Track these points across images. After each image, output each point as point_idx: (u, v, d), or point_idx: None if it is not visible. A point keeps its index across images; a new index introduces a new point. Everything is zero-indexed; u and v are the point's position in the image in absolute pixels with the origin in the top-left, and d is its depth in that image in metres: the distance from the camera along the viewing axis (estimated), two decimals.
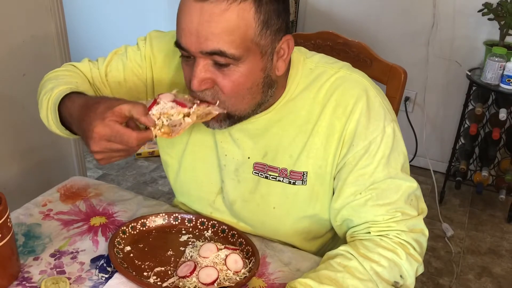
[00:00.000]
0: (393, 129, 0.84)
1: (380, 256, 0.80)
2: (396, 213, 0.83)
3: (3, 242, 0.74)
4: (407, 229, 0.83)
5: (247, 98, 0.79)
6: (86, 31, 3.22)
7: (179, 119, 0.77)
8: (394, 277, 0.80)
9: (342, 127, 0.83)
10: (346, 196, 0.85)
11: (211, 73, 0.76)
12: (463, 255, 2.12)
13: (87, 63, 1.00)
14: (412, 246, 0.82)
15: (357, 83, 0.86)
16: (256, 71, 0.77)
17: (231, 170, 0.92)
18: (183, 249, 0.88)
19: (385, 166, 0.83)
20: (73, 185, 1.07)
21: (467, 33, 2.40)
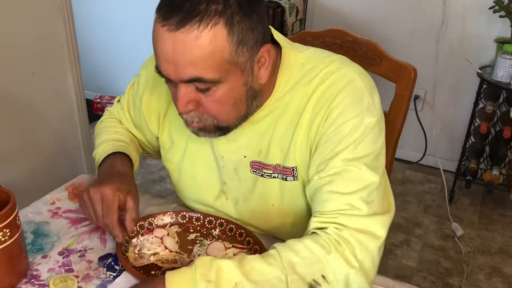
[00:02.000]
0: (373, 124, 0.80)
1: (303, 247, 0.74)
2: (345, 206, 0.76)
3: (12, 240, 0.74)
4: (352, 227, 0.75)
5: (233, 113, 0.80)
6: (94, 30, 3.24)
7: (148, 253, 0.85)
8: (312, 274, 0.72)
9: (321, 118, 0.81)
10: (311, 176, 0.82)
11: (195, 95, 0.76)
12: (473, 255, 2.10)
13: (116, 104, 1.11)
14: (351, 247, 0.74)
15: (346, 75, 0.82)
16: (238, 87, 0.77)
17: (230, 170, 0.92)
18: (191, 247, 0.87)
19: (352, 151, 0.78)
20: (81, 183, 1.07)
21: (478, 31, 2.38)
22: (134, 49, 3.19)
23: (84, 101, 1.92)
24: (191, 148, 0.95)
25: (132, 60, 3.22)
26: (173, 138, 0.97)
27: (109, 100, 3.27)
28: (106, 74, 3.38)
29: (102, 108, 3.27)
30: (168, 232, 0.89)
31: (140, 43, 3.15)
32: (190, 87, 0.75)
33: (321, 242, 0.74)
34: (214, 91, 0.75)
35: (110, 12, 3.17)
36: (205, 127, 0.81)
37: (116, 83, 3.37)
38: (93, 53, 3.28)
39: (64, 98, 1.83)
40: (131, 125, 1.06)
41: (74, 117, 1.89)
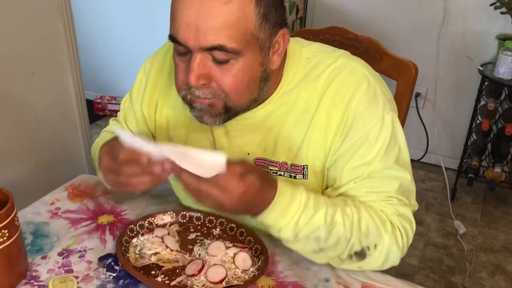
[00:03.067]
0: (392, 118, 0.83)
1: (368, 218, 0.80)
2: (389, 199, 0.83)
3: (10, 240, 0.73)
4: (397, 212, 0.83)
5: (246, 93, 0.78)
6: (95, 31, 3.23)
7: (149, 253, 0.83)
8: (368, 242, 0.79)
9: (340, 117, 0.81)
10: (344, 186, 0.83)
11: (209, 69, 0.73)
12: (475, 252, 2.09)
13: (112, 121, 1.06)
14: (399, 230, 0.82)
15: (356, 71, 0.83)
16: (255, 65, 0.76)
17: None
18: (191, 247, 0.87)
19: (383, 157, 0.81)
20: (81, 183, 1.07)
21: (479, 27, 2.37)
22: (135, 50, 3.19)
23: (84, 101, 1.91)
24: (191, 143, 0.92)
25: (133, 60, 3.22)
26: (170, 135, 0.95)
27: (109, 100, 3.27)
28: (107, 75, 3.38)
29: (103, 108, 3.26)
30: (168, 232, 0.89)
31: (140, 43, 3.14)
32: (207, 58, 0.72)
33: (381, 217, 0.81)
34: (232, 64, 0.73)
35: (111, 12, 3.16)
36: (215, 105, 0.77)
37: (117, 84, 3.37)
38: (95, 53, 3.28)
39: (64, 98, 1.82)
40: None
41: (74, 118, 1.89)
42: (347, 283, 0.83)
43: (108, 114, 3.27)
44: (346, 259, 0.81)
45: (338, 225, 0.77)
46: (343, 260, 0.81)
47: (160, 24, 3.07)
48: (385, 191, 0.83)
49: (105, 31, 3.24)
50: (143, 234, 0.87)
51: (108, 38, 3.25)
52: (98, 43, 3.28)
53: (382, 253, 0.81)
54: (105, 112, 3.27)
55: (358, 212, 0.80)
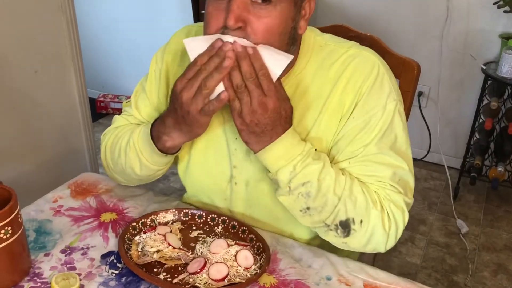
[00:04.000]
0: (395, 107, 0.85)
1: (362, 192, 0.82)
2: (382, 183, 0.84)
3: (13, 238, 0.74)
4: (390, 199, 0.84)
5: (277, 45, 0.78)
6: (98, 29, 3.24)
7: (151, 251, 0.83)
8: (355, 214, 0.82)
9: (350, 102, 0.85)
10: (338, 164, 0.86)
11: (247, 12, 0.75)
12: (478, 252, 2.09)
13: (119, 117, 1.04)
14: (388, 214, 0.83)
15: (368, 60, 0.87)
16: (288, 18, 0.78)
17: (242, 152, 0.91)
18: (194, 245, 0.87)
19: (378, 141, 0.84)
20: (83, 181, 1.07)
21: (482, 26, 2.36)
22: (137, 48, 3.20)
23: (87, 99, 1.92)
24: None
25: (135, 58, 3.23)
26: None
27: (112, 98, 3.27)
28: (110, 73, 3.39)
29: (106, 106, 3.27)
30: (171, 229, 0.89)
31: (142, 42, 3.15)
32: (247, 0, 0.74)
33: (374, 197, 0.83)
34: (269, 11, 0.75)
35: (113, 11, 3.17)
36: None
37: (120, 82, 3.38)
38: (97, 52, 3.28)
39: (67, 96, 1.83)
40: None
41: (77, 116, 1.90)
42: (349, 281, 0.83)
43: (110, 112, 3.28)
44: (331, 228, 0.83)
45: (329, 186, 0.81)
46: (328, 227, 0.84)
47: (161, 23, 3.08)
48: (377, 176, 0.84)
49: (108, 29, 3.24)
50: (145, 232, 0.88)
51: (111, 37, 3.26)
52: (101, 42, 3.28)
53: (367, 232, 0.83)
54: (108, 111, 3.28)
55: (351, 183, 0.82)
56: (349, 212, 0.82)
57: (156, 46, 1.07)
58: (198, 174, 0.98)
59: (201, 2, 2.55)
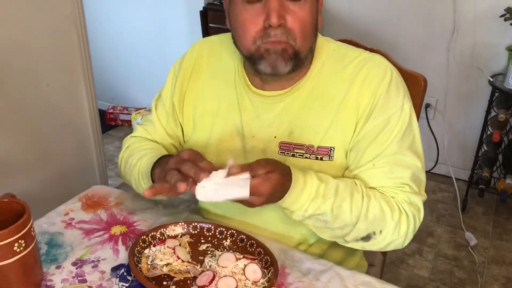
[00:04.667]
0: (410, 107, 0.91)
1: (378, 205, 0.86)
2: (403, 186, 0.89)
3: (27, 250, 0.75)
4: (408, 200, 0.89)
5: (309, 36, 0.86)
6: (107, 42, 3.28)
7: (161, 264, 0.85)
8: (374, 227, 0.86)
9: (367, 103, 0.89)
10: (360, 166, 0.90)
11: (284, 10, 0.82)
12: (487, 265, 2.07)
13: (139, 126, 1.10)
14: (407, 217, 0.87)
15: (380, 63, 0.92)
16: (314, 12, 0.86)
17: (258, 151, 0.95)
18: (202, 258, 0.88)
19: (398, 141, 0.88)
20: (94, 194, 1.09)
21: (489, 39, 2.37)
22: (147, 60, 3.23)
23: (97, 111, 1.94)
24: (216, 132, 0.98)
25: (145, 71, 3.27)
26: (197, 124, 1.01)
27: (121, 110, 3.30)
28: (119, 85, 3.42)
29: (115, 118, 3.30)
30: (180, 243, 0.90)
31: (152, 54, 3.19)
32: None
33: (391, 204, 0.87)
34: (302, 6, 0.83)
35: (123, 24, 3.21)
36: (287, 49, 0.84)
37: (129, 94, 3.41)
38: (106, 64, 3.32)
39: (77, 109, 1.85)
40: (164, 133, 1.06)
41: (87, 128, 1.92)
42: None
43: (120, 124, 3.31)
44: (351, 241, 0.89)
45: (344, 213, 0.85)
46: (348, 241, 0.89)
47: (171, 37, 3.11)
48: (399, 177, 0.89)
49: (117, 42, 3.28)
50: (155, 245, 0.89)
51: (120, 49, 3.30)
52: (110, 54, 3.33)
53: (386, 238, 0.88)
54: (117, 122, 3.31)
55: (368, 200, 0.86)
56: (369, 228, 0.87)
57: (165, 58, 1.11)
58: None
59: (210, 16, 2.58)
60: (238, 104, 0.96)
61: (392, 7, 2.52)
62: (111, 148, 2.98)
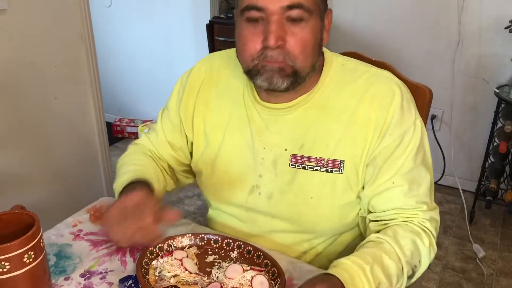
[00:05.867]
0: (421, 122, 0.92)
1: (408, 240, 0.85)
2: (422, 205, 0.89)
3: (36, 262, 0.76)
4: (429, 218, 0.90)
5: (311, 56, 0.86)
6: (114, 55, 3.32)
7: (168, 275, 0.85)
8: (415, 261, 0.86)
9: (379, 118, 0.89)
10: (380, 184, 0.90)
11: (284, 31, 0.82)
12: (496, 277, 2.06)
13: (144, 135, 1.12)
14: (433, 235, 0.89)
15: (391, 79, 0.93)
16: (317, 30, 0.86)
17: (269, 162, 0.95)
18: (209, 269, 0.88)
19: (414, 157, 0.89)
20: (102, 205, 1.09)
21: (494, 50, 2.37)
22: (153, 73, 3.26)
23: (105, 124, 1.96)
24: (227, 143, 0.99)
25: (151, 83, 3.29)
26: (209, 137, 1.01)
27: (128, 122, 3.32)
28: (126, 98, 3.45)
29: (122, 130, 3.32)
30: (187, 254, 0.90)
31: (158, 67, 3.22)
32: (282, 20, 0.81)
33: (416, 232, 0.87)
34: (303, 26, 0.82)
35: (130, 37, 3.25)
36: (285, 68, 0.85)
37: (135, 106, 3.44)
38: (113, 76, 3.36)
39: (85, 122, 1.87)
40: (166, 144, 1.07)
41: (95, 140, 1.94)
42: None
43: (126, 136, 3.33)
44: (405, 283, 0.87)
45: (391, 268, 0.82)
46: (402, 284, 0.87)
47: (177, 50, 3.14)
48: (417, 195, 0.89)
49: (124, 55, 3.32)
50: (162, 257, 0.89)
51: (127, 62, 3.33)
52: (117, 67, 3.36)
53: (425, 264, 0.89)
54: (124, 135, 3.33)
55: (397, 244, 0.85)
56: (412, 263, 0.86)
57: (172, 71, 1.12)
58: (219, 187, 1.02)
59: (216, 29, 2.61)
60: (247, 117, 0.97)
61: (397, 19, 2.53)
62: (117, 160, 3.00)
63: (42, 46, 1.62)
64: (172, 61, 3.15)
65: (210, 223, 1.12)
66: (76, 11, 1.72)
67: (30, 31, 1.56)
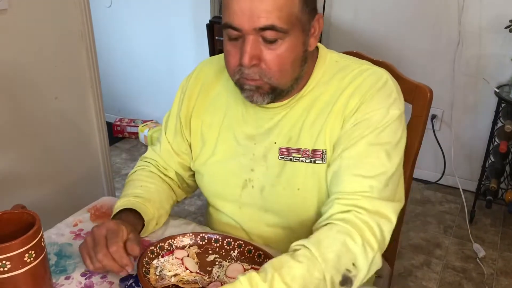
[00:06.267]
0: (398, 115, 0.89)
1: (332, 241, 0.78)
2: (367, 187, 0.83)
3: (37, 261, 0.76)
4: (372, 208, 0.81)
5: (289, 72, 0.87)
6: (114, 55, 3.32)
7: (169, 274, 0.86)
8: (345, 264, 0.77)
9: (354, 104, 0.89)
10: (334, 157, 0.89)
11: (259, 50, 0.83)
12: (496, 277, 2.06)
13: (150, 149, 1.13)
14: (371, 229, 0.80)
15: (379, 73, 0.92)
16: (298, 45, 0.85)
17: (260, 157, 0.97)
18: (210, 269, 0.88)
19: (375, 136, 0.86)
20: (103, 205, 1.10)
21: (494, 50, 2.37)
22: (153, 73, 3.26)
23: (105, 124, 1.96)
24: (222, 140, 1.00)
25: (151, 83, 3.30)
26: (205, 137, 1.03)
27: (128, 123, 3.32)
28: (126, 98, 3.45)
29: (122, 130, 3.32)
30: (188, 253, 0.91)
31: (159, 67, 3.22)
32: (258, 40, 0.82)
33: (347, 231, 0.79)
34: (280, 44, 0.82)
35: (130, 36, 3.25)
36: (262, 86, 0.86)
37: (136, 107, 3.44)
38: (113, 76, 3.36)
39: (85, 122, 1.87)
40: (171, 152, 1.08)
41: (95, 140, 1.94)
42: None
43: (126, 136, 3.33)
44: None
45: (299, 277, 0.74)
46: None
47: (177, 49, 3.14)
48: (367, 177, 0.84)
49: (124, 55, 3.32)
50: (163, 256, 0.89)
51: (127, 62, 3.33)
52: (118, 66, 3.36)
53: (364, 264, 0.78)
54: (124, 135, 3.33)
55: (317, 248, 0.77)
56: (341, 268, 0.77)
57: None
58: (214, 183, 1.04)
59: (217, 29, 2.61)
60: (242, 116, 0.99)
61: (398, 19, 2.53)
62: (118, 160, 3.00)
63: (43, 46, 1.62)
64: (172, 61, 3.15)
65: (208, 221, 1.13)
66: (77, 11, 1.71)
67: (30, 31, 1.56)
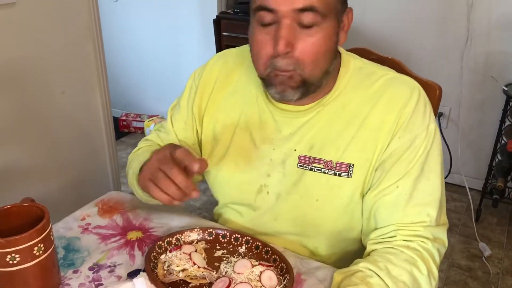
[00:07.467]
0: (435, 127, 0.89)
1: (403, 271, 0.80)
2: (426, 217, 0.85)
3: (46, 254, 0.76)
4: (432, 237, 0.84)
5: (322, 63, 0.83)
6: (121, 50, 3.32)
7: (177, 269, 0.85)
8: None
9: (392, 121, 0.87)
10: (384, 187, 0.87)
11: (295, 35, 0.79)
12: (502, 276, 2.05)
13: (154, 132, 1.11)
14: (434, 258, 0.83)
15: (409, 83, 0.91)
16: (332, 36, 0.83)
17: (278, 163, 0.94)
18: (218, 264, 0.88)
19: (423, 163, 0.86)
20: (110, 199, 1.10)
21: (503, 48, 2.36)
22: (160, 68, 3.26)
23: (111, 119, 1.97)
24: (237, 141, 0.97)
25: (158, 78, 3.30)
26: (218, 137, 1.00)
27: (134, 117, 3.33)
28: (133, 93, 3.46)
29: (128, 125, 3.33)
30: (195, 249, 0.91)
31: (165, 62, 3.22)
32: (294, 25, 0.78)
33: (413, 261, 0.81)
34: (316, 31, 0.79)
35: (136, 32, 3.25)
36: (293, 77, 0.82)
37: (142, 101, 3.44)
38: (119, 71, 3.36)
39: (92, 116, 1.88)
40: (176, 142, 1.06)
41: (102, 135, 1.94)
42: None
43: (132, 131, 3.34)
44: None
45: None
46: None
47: (184, 45, 3.14)
48: (422, 204, 0.85)
49: (131, 50, 3.32)
50: (171, 251, 0.89)
51: (134, 57, 3.34)
52: (125, 61, 3.36)
53: None
54: (130, 129, 3.34)
55: (389, 277, 0.79)
56: None
57: (178, 66, 1.11)
58: (226, 185, 1.02)
59: (223, 24, 2.60)
60: (260, 118, 0.95)
61: (406, 16, 2.52)
62: (124, 155, 3.01)
63: (50, 40, 1.62)
64: (178, 56, 3.15)
65: (216, 219, 1.12)
66: (84, 5, 1.72)
67: (38, 25, 1.56)
